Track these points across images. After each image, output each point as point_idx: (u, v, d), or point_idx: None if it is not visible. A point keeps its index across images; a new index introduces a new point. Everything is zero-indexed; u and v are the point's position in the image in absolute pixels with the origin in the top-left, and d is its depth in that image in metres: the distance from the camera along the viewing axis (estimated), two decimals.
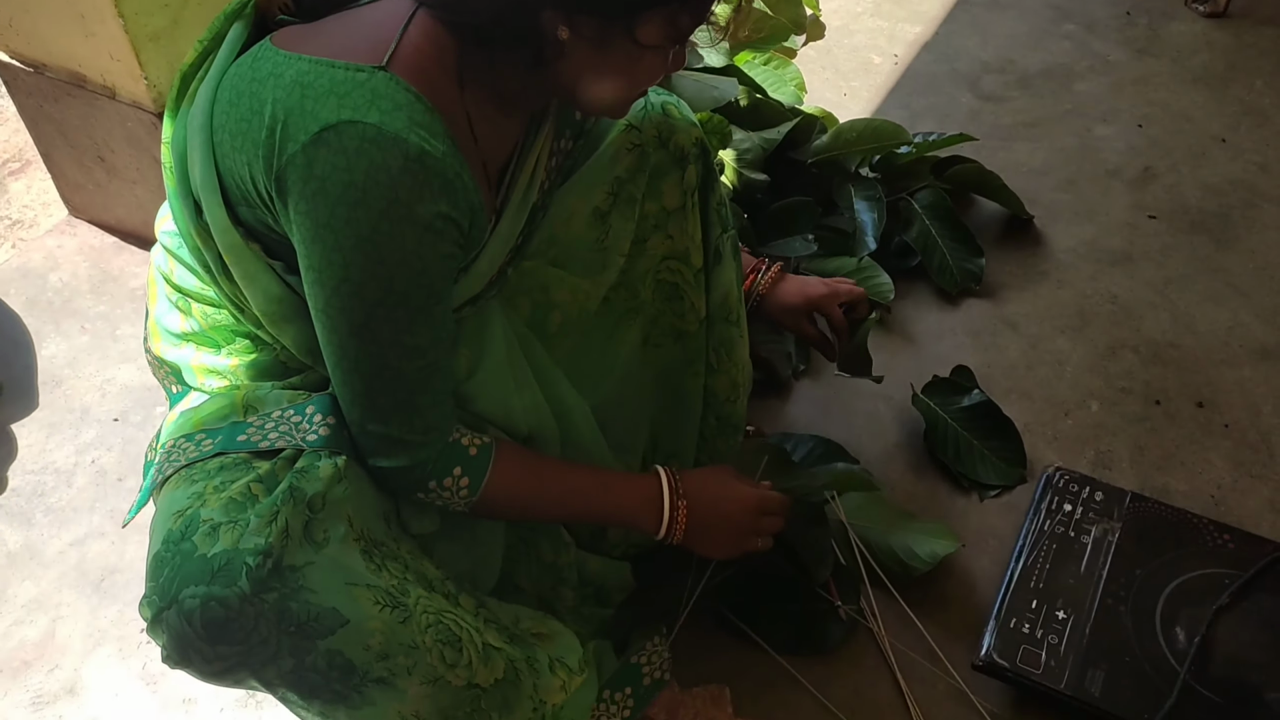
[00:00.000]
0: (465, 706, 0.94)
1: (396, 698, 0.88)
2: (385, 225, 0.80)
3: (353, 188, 0.79)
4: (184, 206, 0.91)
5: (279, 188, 0.81)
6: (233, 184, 0.86)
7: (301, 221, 0.81)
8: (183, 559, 0.79)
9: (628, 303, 1.14)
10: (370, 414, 0.90)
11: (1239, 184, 1.84)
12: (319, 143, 0.78)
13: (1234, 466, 1.40)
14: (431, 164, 0.80)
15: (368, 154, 0.78)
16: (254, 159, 0.82)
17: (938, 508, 1.37)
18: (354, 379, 0.89)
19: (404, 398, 0.90)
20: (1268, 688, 1.11)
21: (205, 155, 0.87)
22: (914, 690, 1.19)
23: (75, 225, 1.87)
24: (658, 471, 1.09)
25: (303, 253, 0.84)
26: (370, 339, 0.86)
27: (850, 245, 1.66)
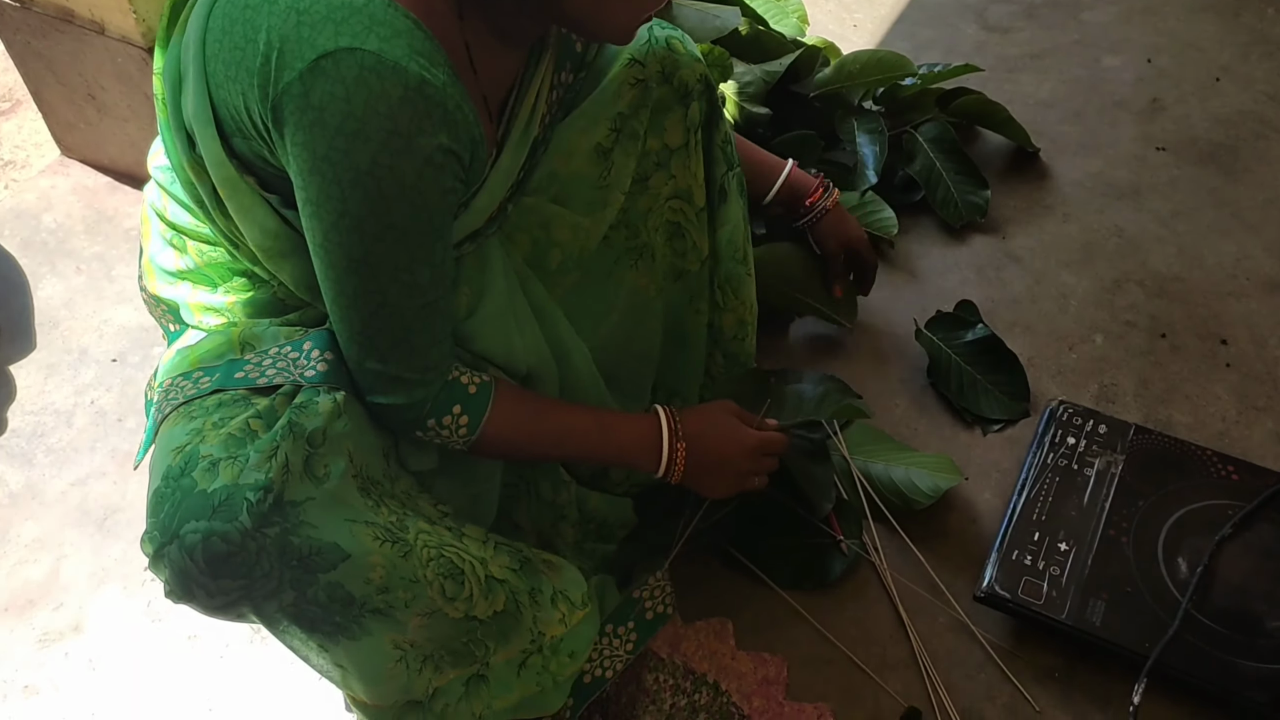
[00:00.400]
0: (462, 637, 0.94)
1: (393, 628, 0.89)
2: (385, 157, 0.78)
3: (351, 118, 0.76)
4: (176, 139, 0.88)
5: (275, 118, 0.79)
6: (227, 115, 0.84)
7: (298, 153, 0.79)
8: (183, 494, 0.79)
9: (628, 242, 1.13)
10: (368, 351, 0.89)
11: (1249, 115, 1.81)
12: (316, 71, 0.76)
13: (1239, 399, 1.39)
14: (432, 94, 0.78)
15: (366, 83, 0.75)
16: (249, 88, 0.79)
17: (941, 442, 1.37)
18: (352, 315, 0.87)
19: (402, 335, 0.89)
20: (1270, 616, 1.11)
21: (198, 85, 0.84)
22: (915, 622, 1.19)
23: (68, 165, 1.85)
24: (657, 411, 1.08)
25: (300, 185, 0.81)
26: (369, 275, 0.84)
27: (853, 179, 1.64)
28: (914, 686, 1.15)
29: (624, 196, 1.09)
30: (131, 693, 1.20)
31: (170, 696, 1.19)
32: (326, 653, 0.89)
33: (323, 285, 0.87)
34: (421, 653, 0.93)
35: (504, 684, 1.02)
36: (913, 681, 1.15)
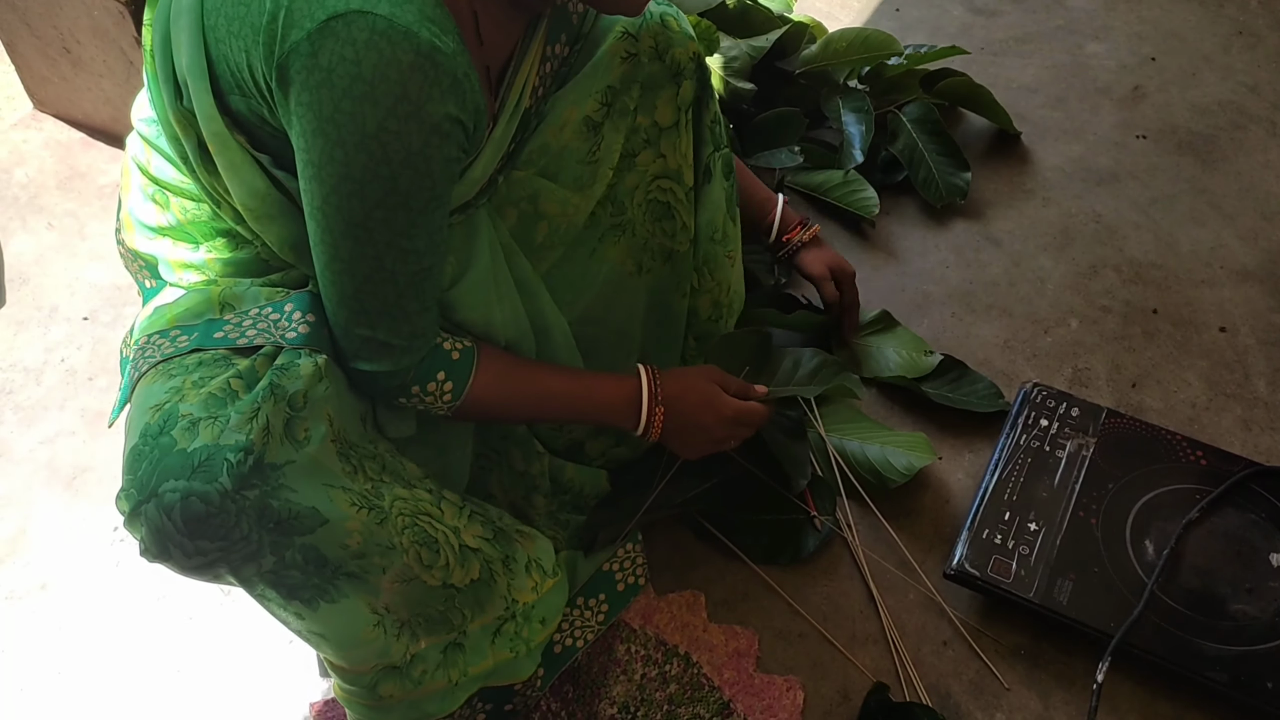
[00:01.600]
0: (439, 604, 0.95)
1: (369, 591, 0.89)
2: (392, 123, 0.77)
3: (360, 81, 0.75)
4: (165, 91, 0.87)
5: (280, 78, 0.77)
6: (225, 70, 0.82)
7: (303, 114, 0.78)
8: (161, 453, 0.78)
9: (613, 218, 1.12)
10: (358, 316, 0.88)
11: (1228, 105, 1.83)
12: (325, 32, 0.74)
13: (1209, 385, 1.41)
14: (442, 61, 0.77)
15: (377, 47, 0.74)
16: (253, 45, 0.78)
17: (915, 421, 1.38)
18: (344, 280, 0.86)
19: (394, 302, 0.88)
20: (1232, 600, 1.13)
21: (194, 37, 0.82)
22: (886, 598, 1.20)
23: (41, 119, 1.82)
24: (639, 372, 1.08)
25: (301, 146, 0.80)
26: (366, 240, 0.83)
27: (837, 158, 1.64)
28: (883, 661, 1.16)
29: (612, 173, 1.09)
30: (98, 653, 1.19)
31: (138, 657, 1.18)
32: (303, 619, 0.89)
33: (316, 248, 0.86)
34: (399, 619, 0.93)
35: (479, 650, 1.02)
36: (881, 656, 1.16)
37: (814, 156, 1.65)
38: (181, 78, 0.85)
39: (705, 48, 1.64)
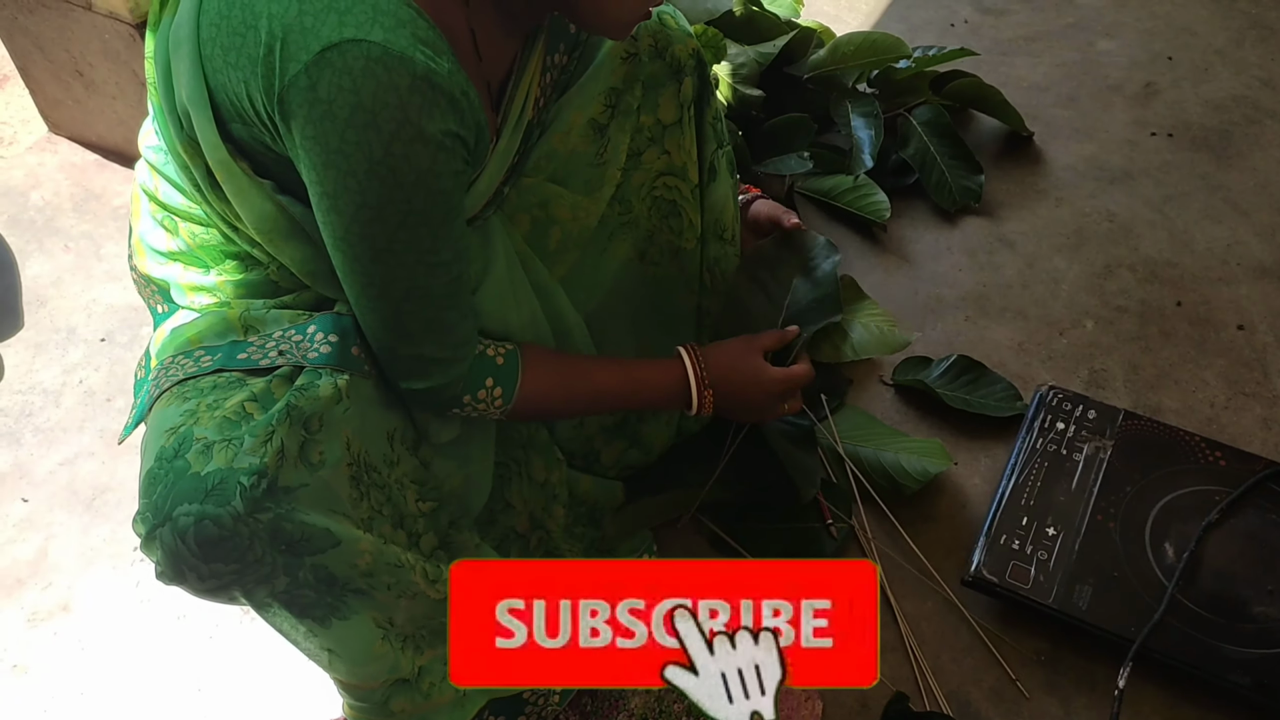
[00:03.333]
0: (441, 617, 0.95)
1: (374, 607, 0.89)
2: (398, 147, 0.78)
3: (361, 110, 0.76)
4: (170, 122, 0.88)
5: (282, 111, 0.78)
6: (225, 100, 0.83)
7: (310, 147, 0.79)
8: (176, 476, 0.79)
9: (621, 217, 1.12)
10: (402, 338, 0.89)
11: (1242, 100, 1.81)
12: (322, 63, 0.75)
13: (1228, 385, 1.39)
14: (439, 82, 0.78)
15: (374, 74, 0.75)
16: (251, 77, 0.79)
17: (930, 427, 1.37)
18: (381, 305, 0.87)
19: (433, 316, 0.89)
20: (1254, 602, 1.12)
21: (193, 69, 0.83)
22: (904, 606, 1.20)
23: (55, 142, 1.83)
24: (682, 357, 1.10)
25: (313, 179, 0.81)
26: (395, 262, 0.84)
27: (847, 163, 1.64)
28: (901, 669, 1.15)
29: (620, 173, 1.09)
30: (120, 672, 1.20)
31: (159, 676, 1.19)
32: (315, 637, 0.89)
33: (346, 279, 0.87)
34: (403, 633, 0.94)
35: None
36: (900, 665, 1.16)
37: (824, 162, 1.64)
38: (183, 108, 0.86)
39: (712, 56, 1.64)
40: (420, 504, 0.98)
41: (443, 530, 1.02)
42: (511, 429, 1.11)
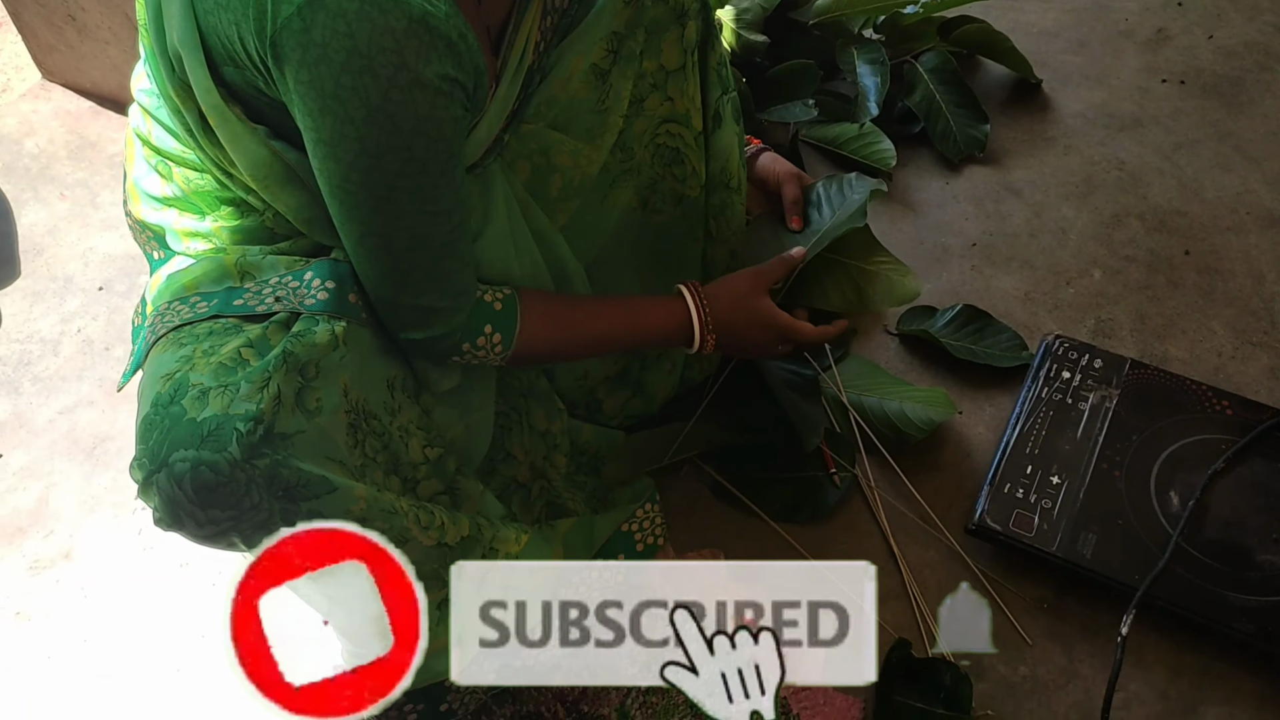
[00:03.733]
0: (432, 563, 0.95)
1: None
2: (395, 92, 0.76)
3: (356, 54, 0.74)
4: (161, 65, 0.86)
5: (275, 55, 0.76)
6: (217, 43, 0.81)
7: (304, 92, 0.77)
8: (172, 422, 0.78)
9: (623, 164, 1.11)
10: (402, 288, 0.88)
11: (1254, 46, 1.78)
12: (315, 5, 0.73)
13: (1235, 334, 1.38)
14: (436, 25, 0.76)
15: (369, 17, 0.73)
16: (243, 20, 0.77)
17: (935, 376, 1.36)
18: (380, 254, 0.86)
19: (433, 265, 0.88)
20: (1259, 550, 1.12)
21: (184, 10, 0.81)
22: (907, 554, 1.20)
23: (49, 89, 1.81)
24: (684, 295, 1.08)
25: (309, 125, 0.79)
26: (395, 210, 0.83)
27: (852, 111, 1.61)
28: (904, 617, 1.15)
29: (622, 120, 1.07)
30: (123, 620, 1.20)
31: (162, 623, 1.19)
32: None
33: (345, 227, 0.86)
34: None
35: None
36: (903, 612, 1.16)
37: (829, 109, 1.62)
38: (174, 51, 0.84)
39: (717, 0, 1.61)
40: (427, 450, 0.98)
41: (449, 477, 1.02)
42: (511, 378, 1.10)
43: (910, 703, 1.07)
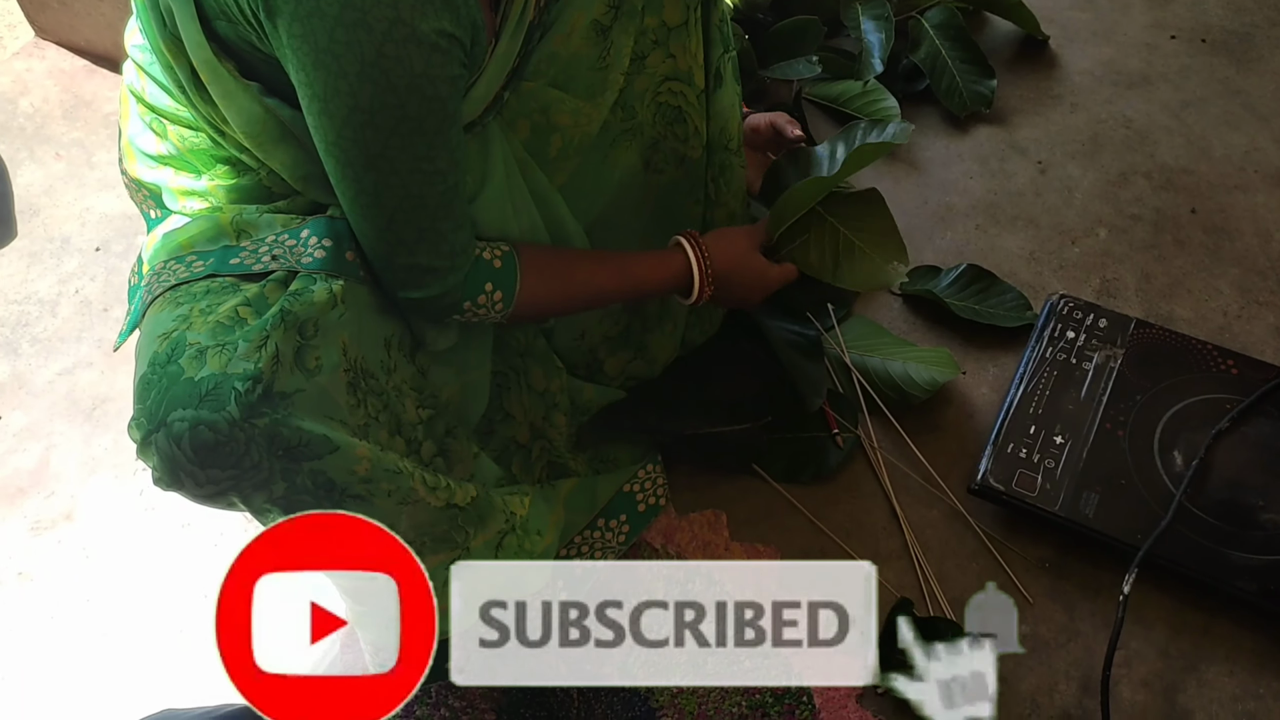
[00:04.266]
0: (443, 524, 0.95)
1: (375, 514, 0.88)
2: (390, 48, 0.75)
3: (350, 7, 0.72)
4: (153, 20, 0.84)
5: (267, 8, 0.75)
6: None
7: (298, 46, 0.75)
8: (169, 381, 0.77)
9: (624, 123, 1.09)
10: (396, 247, 0.87)
11: (1264, 1, 1.75)
12: None
13: (1241, 293, 1.37)
14: None
15: None
16: None
17: (938, 336, 1.35)
18: (375, 213, 0.85)
19: (428, 224, 0.87)
20: (1263, 509, 1.11)
21: None
22: (909, 514, 1.19)
23: (43, 47, 1.78)
24: (683, 247, 1.09)
25: (302, 80, 0.78)
26: (389, 169, 0.82)
27: (856, 68, 1.59)
28: (906, 577, 1.16)
29: (623, 77, 1.05)
30: (126, 580, 1.20)
31: (164, 584, 1.19)
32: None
33: (339, 184, 0.85)
34: (405, 539, 0.93)
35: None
36: (905, 572, 1.16)
37: (832, 66, 1.60)
38: (165, 5, 0.82)
39: None
40: (420, 410, 0.97)
41: (439, 438, 1.01)
42: (509, 337, 1.09)
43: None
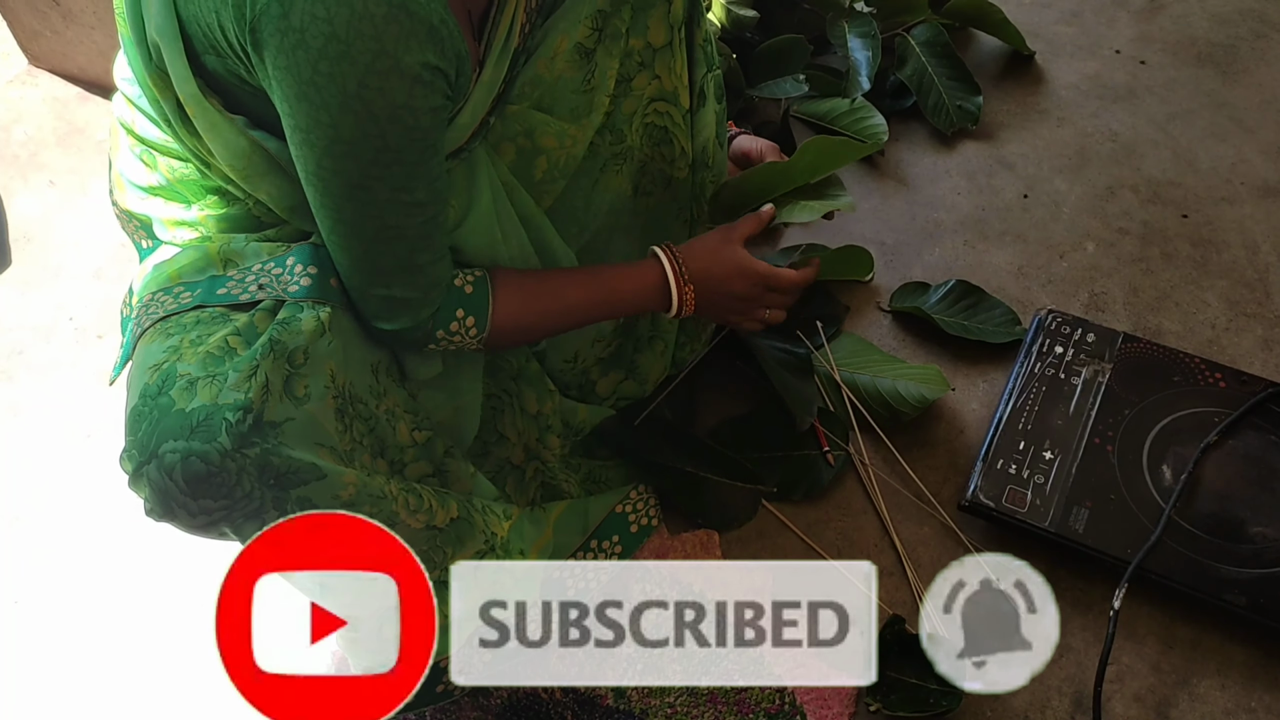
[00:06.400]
0: (422, 545, 0.96)
1: None
2: (372, 79, 0.76)
3: (334, 40, 0.74)
4: (140, 54, 0.85)
5: (254, 41, 0.76)
6: (197, 31, 0.81)
7: (282, 78, 0.76)
8: (160, 413, 0.78)
9: (613, 147, 1.10)
10: (373, 277, 0.88)
11: (1249, 13, 1.76)
12: None
13: (1229, 305, 1.38)
14: (416, 10, 0.75)
15: (348, 2, 0.73)
16: (222, 6, 0.76)
17: (928, 353, 1.36)
18: (353, 243, 0.86)
19: (405, 257, 0.87)
20: (1252, 522, 1.12)
21: (163, 0, 0.81)
22: (901, 532, 1.20)
23: (36, 75, 1.80)
24: (658, 256, 1.07)
25: (286, 111, 0.79)
26: (368, 200, 0.83)
27: (843, 85, 1.60)
28: (899, 594, 1.16)
29: (609, 100, 1.06)
30: (119, 609, 1.20)
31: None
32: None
33: (319, 214, 0.85)
34: None
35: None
36: (897, 589, 1.16)
37: (820, 84, 1.61)
38: (152, 40, 0.83)
39: None
40: (415, 433, 0.98)
41: (438, 459, 1.02)
42: (501, 360, 1.10)
43: (904, 678, 1.07)
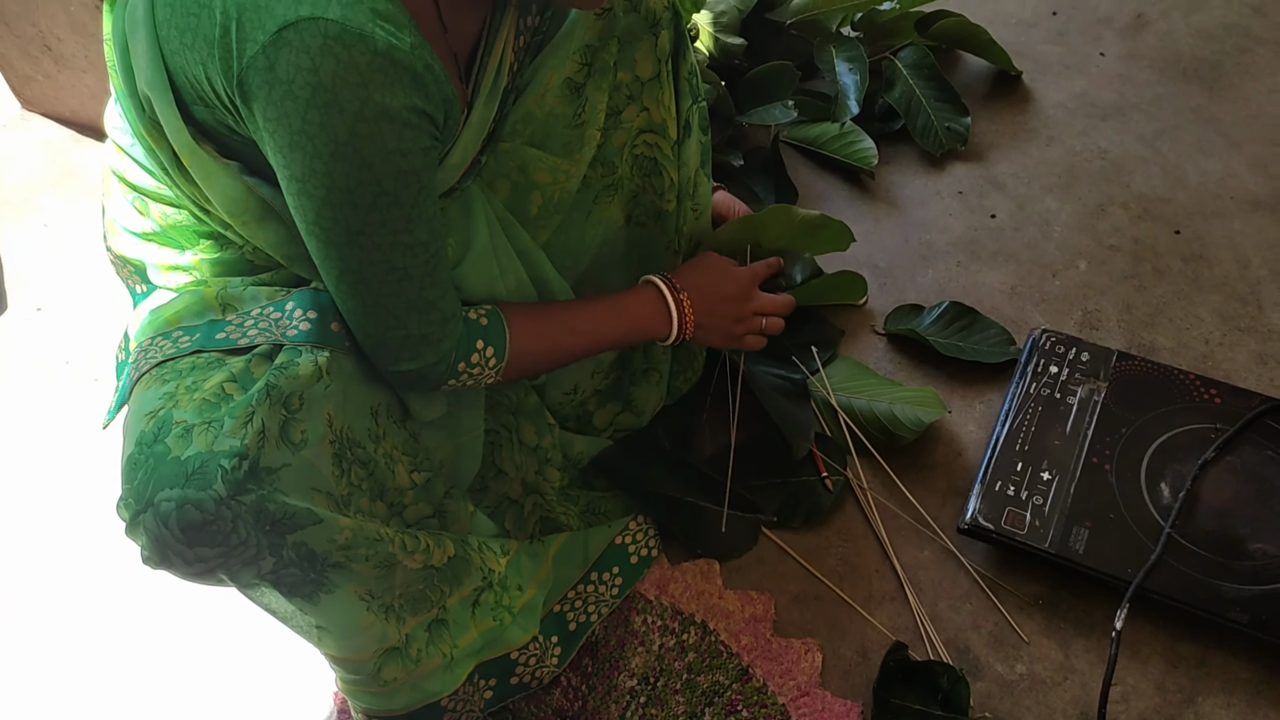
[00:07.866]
0: (419, 584, 0.97)
1: (353, 579, 0.90)
2: (362, 127, 0.76)
3: (321, 90, 0.74)
4: (133, 106, 0.86)
5: (242, 94, 0.77)
6: (185, 83, 0.81)
7: (273, 129, 0.77)
8: (156, 461, 0.78)
9: (605, 179, 1.11)
10: (388, 321, 0.88)
11: (1233, 28, 1.78)
12: (279, 43, 0.73)
13: (1222, 321, 1.38)
14: (400, 58, 0.76)
15: (333, 52, 0.73)
16: (209, 59, 0.77)
17: (924, 375, 1.36)
18: (361, 289, 0.86)
19: (415, 295, 0.88)
20: (1252, 539, 1.12)
21: (150, 51, 0.81)
22: (901, 556, 1.20)
23: (29, 119, 1.81)
24: (650, 280, 1.11)
25: (280, 162, 0.79)
26: (371, 245, 0.83)
27: (832, 110, 1.61)
28: (900, 619, 1.16)
29: (599, 134, 1.07)
30: (110, 663, 1.20)
31: (152, 660, 1.19)
32: (305, 614, 0.89)
33: (324, 265, 0.86)
34: (383, 602, 0.94)
35: (461, 624, 1.04)
36: (899, 614, 1.16)
37: (809, 110, 1.62)
38: (143, 93, 0.84)
39: (693, 4, 1.61)
40: (414, 475, 0.98)
41: (437, 500, 1.02)
42: (500, 396, 1.10)
43: (908, 705, 1.07)
